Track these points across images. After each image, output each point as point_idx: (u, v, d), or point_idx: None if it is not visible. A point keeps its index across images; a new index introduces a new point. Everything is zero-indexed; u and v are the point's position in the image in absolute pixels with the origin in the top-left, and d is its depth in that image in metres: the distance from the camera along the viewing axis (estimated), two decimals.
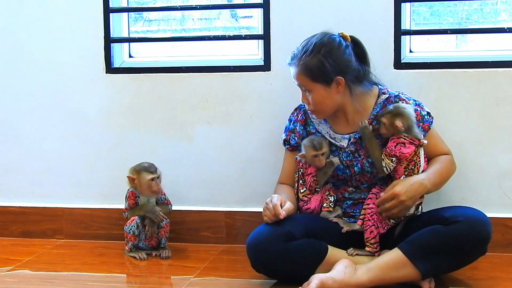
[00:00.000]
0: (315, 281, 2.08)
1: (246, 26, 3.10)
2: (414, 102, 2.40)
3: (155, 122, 2.86)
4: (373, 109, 2.41)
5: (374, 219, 2.29)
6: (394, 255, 2.17)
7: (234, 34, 2.88)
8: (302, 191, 2.45)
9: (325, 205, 2.41)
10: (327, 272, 2.15)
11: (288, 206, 2.27)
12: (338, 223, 2.37)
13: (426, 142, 2.30)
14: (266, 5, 2.72)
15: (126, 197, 2.66)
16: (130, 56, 2.97)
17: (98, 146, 2.91)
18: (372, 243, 2.28)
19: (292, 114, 2.55)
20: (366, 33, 2.53)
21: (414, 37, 2.75)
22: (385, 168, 2.29)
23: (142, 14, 3.17)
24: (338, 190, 2.45)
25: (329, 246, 2.26)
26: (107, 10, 2.85)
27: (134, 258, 2.62)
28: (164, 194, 2.70)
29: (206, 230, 2.84)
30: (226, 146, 2.82)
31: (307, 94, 2.36)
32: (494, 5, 2.86)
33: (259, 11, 2.78)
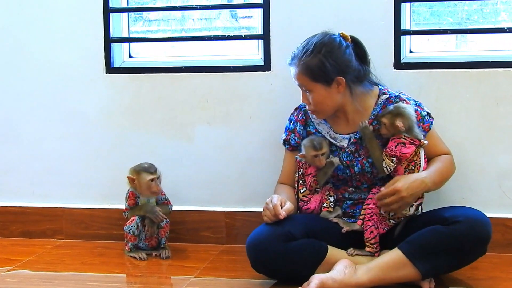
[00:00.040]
0: (315, 281, 2.08)
1: (246, 26, 3.10)
2: (414, 103, 2.40)
3: (155, 122, 2.86)
4: (373, 109, 2.41)
5: (374, 219, 2.29)
6: (394, 255, 2.17)
7: (234, 34, 2.88)
8: (302, 191, 2.44)
9: (325, 205, 2.41)
10: (327, 272, 2.15)
11: (288, 206, 2.27)
12: (338, 223, 2.37)
13: (426, 142, 2.30)
14: (266, 5, 2.72)
15: (126, 197, 2.66)
16: (130, 56, 2.97)
17: (98, 146, 2.91)
18: (372, 243, 2.28)
19: (292, 114, 2.54)
20: (366, 33, 2.53)
21: (414, 37, 2.75)
22: (385, 168, 2.29)
23: (142, 14, 3.17)
24: (338, 190, 2.45)
25: (329, 246, 2.26)
26: (107, 10, 2.85)
27: (134, 258, 2.62)
28: (164, 194, 2.70)
29: (206, 230, 2.84)
30: (226, 146, 2.82)
31: (308, 94, 2.36)
32: (494, 5, 2.86)
33: (259, 11, 2.78)
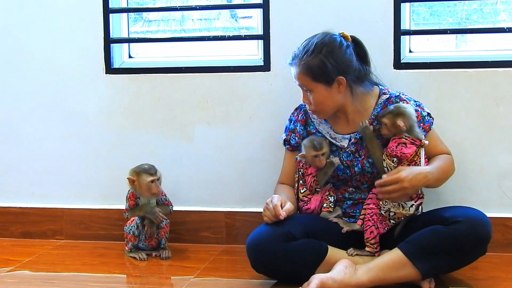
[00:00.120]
0: (315, 281, 2.08)
1: (245, 27, 3.10)
2: (414, 103, 2.40)
3: (155, 122, 2.86)
4: (373, 109, 2.41)
5: (374, 220, 2.29)
6: (394, 255, 2.17)
7: (234, 35, 2.88)
8: (302, 191, 2.44)
9: (325, 205, 2.41)
10: (327, 272, 2.15)
11: (288, 206, 2.27)
12: (338, 223, 2.37)
13: (427, 142, 2.29)
14: (266, 5, 2.72)
15: (126, 198, 2.66)
16: (130, 56, 2.97)
17: (98, 146, 2.91)
18: (372, 243, 2.28)
19: (292, 114, 2.54)
20: (366, 33, 2.53)
21: (413, 37, 2.75)
22: (386, 168, 2.28)
23: (142, 15, 3.17)
24: (338, 190, 2.45)
25: (329, 246, 2.26)
26: (107, 11, 2.85)
27: (134, 258, 2.62)
28: (164, 195, 2.70)
29: (206, 230, 2.84)
30: (226, 146, 2.81)
31: (308, 94, 2.36)
32: (493, 5, 2.86)
33: (259, 12, 2.78)
